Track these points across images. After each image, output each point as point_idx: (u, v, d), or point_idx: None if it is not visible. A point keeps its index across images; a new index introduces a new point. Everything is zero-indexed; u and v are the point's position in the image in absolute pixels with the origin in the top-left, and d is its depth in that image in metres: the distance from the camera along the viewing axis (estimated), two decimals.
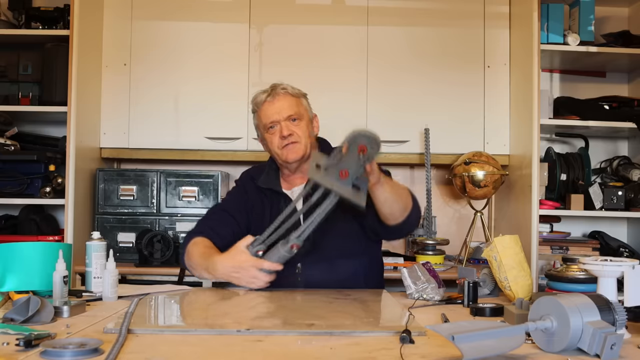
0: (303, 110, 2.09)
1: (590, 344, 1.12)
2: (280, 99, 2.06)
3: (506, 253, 1.71)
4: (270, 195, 2.11)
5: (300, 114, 2.07)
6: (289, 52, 3.16)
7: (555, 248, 3.09)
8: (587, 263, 1.37)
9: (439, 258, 2.95)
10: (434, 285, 1.78)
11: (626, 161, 3.27)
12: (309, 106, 2.14)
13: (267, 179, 2.12)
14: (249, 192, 2.15)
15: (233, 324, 1.43)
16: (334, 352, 1.19)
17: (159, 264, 2.86)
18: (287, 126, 2.04)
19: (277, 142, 2.05)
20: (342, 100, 3.14)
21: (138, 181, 3.04)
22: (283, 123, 2.04)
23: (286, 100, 2.06)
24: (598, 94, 3.28)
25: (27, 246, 1.73)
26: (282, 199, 2.10)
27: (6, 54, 3.04)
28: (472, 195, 3.08)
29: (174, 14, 3.18)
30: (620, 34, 3.10)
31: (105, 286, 1.73)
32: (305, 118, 2.09)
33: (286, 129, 2.03)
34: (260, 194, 2.13)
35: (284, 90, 2.08)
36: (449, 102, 3.18)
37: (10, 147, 2.98)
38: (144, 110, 3.15)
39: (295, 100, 2.08)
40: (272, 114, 2.05)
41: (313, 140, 2.12)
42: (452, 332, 1.07)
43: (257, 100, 2.09)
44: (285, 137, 2.03)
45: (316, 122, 2.16)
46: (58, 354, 1.12)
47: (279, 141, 2.05)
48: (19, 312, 1.40)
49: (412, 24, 3.20)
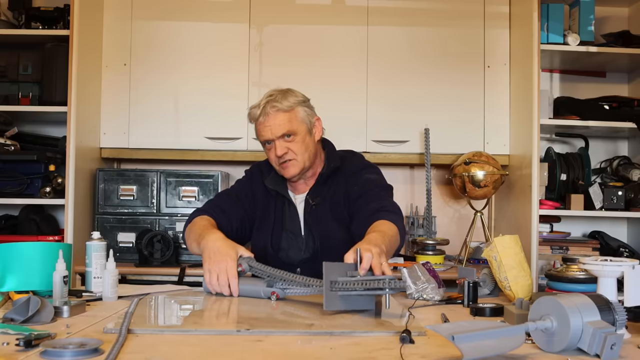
0: (297, 125, 2.00)
1: (590, 344, 1.12)
2: (271, 119, 1.97)
3: (506, 253, 1.71)
4: (276, 196, 2.10)
5: (293, 130, 1.99)
6: (289, 52, 3.16)
7: (555, 248, 3.09)
8: (587, 263, 1.37)
9: (439, 258, 2.95)
10: (434, 285, 1.78)
11: (626, 161, 3.27)
12: (306, 114, 2.03)
13: (275, 181, 2.10)
14: (258, 186, 2.13)
15: (233, 324, 1.43)
16: (334, 352, 1.19)
17: (159, 264, 2.86)
18: (280, 145, 1.98)
19: (274, 159, 2.03)
20: (342, 100, 3.14)
21: (138, 181, 3.04)
22: (277, 142, 1.99)
23: (277, 119, 1.98)
24: (598, 94, 3.28)
25: (27, 246, 1.73)
26: (286, 202, 2.09)
27: (6, 54, 3.04)
28: (472, 195, 3.08)
29: (174, 14, 3.18)
30: (620, 34, 3.10)
31: (105, 286, 1.73)
32: (300, 132, 2.01)
33: (280, 148, 1.98)
34: (266, 191, 2.12)
35: (274, 108, 1.97)
36: (449, 102, 3.18)
37: (10, 147, 2.98)
38: (144, 110, 3.15)
39: (288, 115, 1.99)
40: (265, 133, 2.00)
41: (313, 150, 2.06)
42: (452, 332, 1.07)
43: (251, 116, 2.03)
44: (279, 156, 2.00)
45: (318, 128, 2.08)
46: (58, 354, 1.12)
47: (275, 159, 2.02)
48: (19, 312, 1.40)
49: (412, 24, 3.20)
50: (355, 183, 2.04)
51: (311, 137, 2.05)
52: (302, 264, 2.03)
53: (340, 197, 2.05)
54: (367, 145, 3.14)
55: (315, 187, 2.08)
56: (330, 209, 2.05)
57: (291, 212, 2.08)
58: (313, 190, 2.08)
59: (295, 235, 2.07)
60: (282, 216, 2.08)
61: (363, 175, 2.06)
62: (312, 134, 2.06)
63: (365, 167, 2.11)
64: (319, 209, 2.05)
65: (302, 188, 2.11)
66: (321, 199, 2.05)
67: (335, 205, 2.05)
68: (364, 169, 2.10)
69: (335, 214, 2.04)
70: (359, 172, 2.08)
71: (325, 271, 1.50)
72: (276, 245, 2.07)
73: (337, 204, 2.05)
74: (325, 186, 2.08)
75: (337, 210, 2.04)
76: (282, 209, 2.08)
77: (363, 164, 2.13)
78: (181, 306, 1.74)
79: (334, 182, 2.08)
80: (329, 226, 2.02)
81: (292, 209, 2.08)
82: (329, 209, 2.05)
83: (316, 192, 2.07)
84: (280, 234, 2.07)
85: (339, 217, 2.03)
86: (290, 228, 2.07)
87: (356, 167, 2.10)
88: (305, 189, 2.10)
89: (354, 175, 2.07)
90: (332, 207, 2.05)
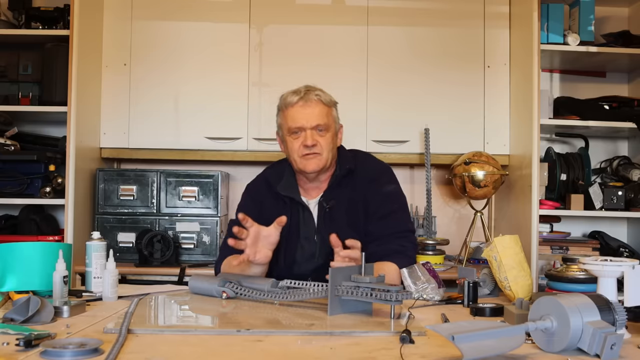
0: (331, 121, 2.01)
1: (590, 344, 1.12)
2: (312, 106, 1.96)
3: (506, 253, 1.71)
4: (290, 204, 2.04)
5: (328, 125, 1.98)
6: (289, 52, 3.16)
7: (555, 248, 3.09)
8: (587, 263, 1.37)
9: (439, 258, 2.95)
10: (434, 285, 1.78)
11: (626, 161, 3.27)
12: (337, 116, 2.06)
13: (287, 186, 2.04)
14: (265, 201, 2.07)
15: (233, 324, 1.43)
16: (334, 352, 1.19)
17: (159, 264, 2.86)
18: (312, 135, 1.95)
19: (298, 149, 1.97)
20: (342, 100, 3.08)
21: (138, 181, 3.04)
22: (309, 131, 1.95)
23: (318, 108, 1.96)
24: (598, 94, 3.28)
25: (27, 246, 1.73)
26: (300, 208, 2.04)
27: (6, 54, 3.04)
28: (472, 195, 3.08)
29: (174, 14, 3.18)
30: (620, 34, 3.10)
31: (105, 286, 1.73)
32: (332, 129, 2.00)
33: (311, 138, 1.95)
34: (278, 200, 2.05)
35: (317, 97, 1.97)
36: (449, 102, 3.18)
37: (10, 147, 2.98)
38: (144, 110, 3.15)
39: (327, 109, 1.99)
40: (299, 119, 1.95)
41: (335, 153, 2.04)
42: (452, 332, 1.07)
43: (287, 101, 1.98)
44: (308, 146, 1.95)
45: (340, 134, 2.08)
46: (58, 354, 1.12)
47: (300, 148, 1.97)
48: (19, 312, 1.40)
49: (412, 24, 3.20)
50: (376, 195, 2.01)
51: (336, 139, 2.05)
52: (313, 273, 1.94)
53: (359, 204, 2.01)
54: (367, 145, 3.14)
55: (329, 190, 2.03)
56: (346, 213, 2.01)
57: (306, 217, 2.03)
58: (327, 194, 2.03)
59: (309, 241, 2.02)
60: (297, 222, 2.03)
61: (383, 187, 2.03)
62: (337, 137, 2.06)
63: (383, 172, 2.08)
64: (333, 212, 2.01)
65: (315, 192, 2.06)
66: (335, 202, 2.01)
67: (351, 211, 2.01)
68: (383, 174, 2.07)
69: (351, 219, 2.00)
70: (380, 180, 2.04)
71: (332, 277, 1.51)
72: (290, 258, 2.01)
73: (354, 210, 2.01)
74: (339, 189, 2.03)
75: (354, 216, 2.01)
76: (297, 215, 2.03)
77: (378, 167, 2.09)
78: (181, 306, 1.74)
79: (348, 185, 2.04)
80: (344, 232, 1.94)
81: (307, 214, 2.03)
82: (345, 213, 2.01)
83: (330, 195, 2.03)
84: (294, 246, 2.01)
85: (355, 224, 2.00)
86: (305, 235, 2.02)
87: (374, 172, 2.06)
88: (318, 192, 2.05)
89: (373, 183, 2.03)
90: (348, 212, 2.01)
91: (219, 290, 1.75)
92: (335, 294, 1.51)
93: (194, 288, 1.85)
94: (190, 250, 3.01)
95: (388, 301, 1.44)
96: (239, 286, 1.74)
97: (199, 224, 3.02)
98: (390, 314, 1.49)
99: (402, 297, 1.45)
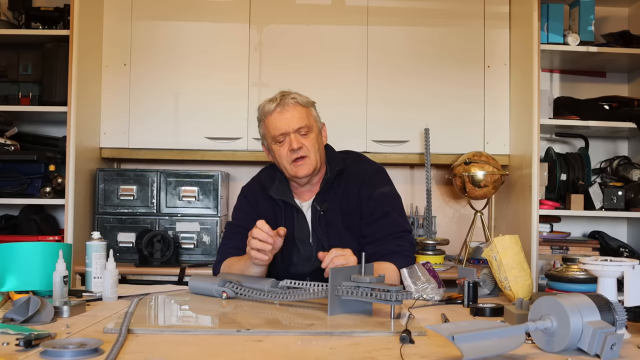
0: (313, 122, 2.01)
1: (590, 344, 1.12)
2: (290, 110, 1.96)
3: (506, 253, 1.71)
4: (284, 207, 2.05)
5: (310, 125, 1.98)
6: (289, 52, 3.16)
7: (555, 248, 3.09)
8: (587, 263, 1.37)
9: (439, 258, 2.95)
10: (434, 285, 1.78)
11: (626, 161, 3.27)
12: (317, 116, 2.06)
13: (280, 190, 2.05)
14: (260, 203, 2.08)
15: (233, 324, 1.43)
16: (334, 352, 1.19)
17: (159, 264, 2.86)
18: (296, 139, 1.95)
19: (286, 156, 1.97)
20: (342, 100, 3.14)
21: (138, 181, 3.04)
22: (292, 135, 1.96)
23: (296, 111, 1.97)
24: (598, 94, 3.28)
25: (27, 246, 1.73)
26: (294, 211, 2.04)
27: (6, 54, 3.04)
28: (472, 195, 3.08)
29: (174, 14, 3.18)
30: (620, 34, 3.10)
31: (105, 286, 1.73)
32: (314, 129, 2.01)
33: (296, 141, 1.95)
34: (271, 203, 2.06)
35: (293, 100, 1.97)
36: (449, 102, 3.18)
37: (10, 147, 2.98)
38: (144, 110, 3.15)
39: (305, 110, 1.99)
40: (281, 126, 1.96)
41: (322, 153, 2.05)
42: (452, 332, 1.07)
43: (265, 110, 1.99)
44: (294, 150, 1.95)
45: (324, 132, 2.09)
46: (58, 354, 1.12)
47: (288, 155, 1.97)
48: (19, 312, 1.40)
49: (412, 24, 3.20)
50: (371, 197, 2.01)
51: (321, 138, 2.05)
52: (312, 274, 1.96)
53: (353, 207, 2.01)
54: (367, 145, 3.14)
55: (321, 193, 2.04)
56: (341, 216, 2.01)
57: (300, 220, 2.04)
58: (319, 197, 2.04)
59: (305, 245, 2.03)
60: (292, 225, 2.03)
61: (378, 189, 2.03)
62: (321, 137, 2.05)
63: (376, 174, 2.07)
64: (327, 215, 2.01)
65: (308, 195, 2.07)
66: (329, 204, 2.02)
67: (346, 214, 2.01)
68: (376, 175, 2.06)
69: (347, 222, 2.01)
70: (371, 182, 2.03)
71: (332, 277, 1.51)
72: (287, 259, 2.02)
73: (348, 213, 2.01)
74: (332, 191, 2.04)
75: (350, 219, 2.01)
76: (292, 218, 2.04)
77: (371, 169, 2.09)
78: (181, 306, 1.74)
79: (340, 187, 2.04)
80: (341, 235, 1.99)
81: (300, 217, 2.04)
82: (340, 216, 2.01)
83: (323, 197, 2.03)
84: (291, 247, 2.01)
85: (351, 227, 2.00)
86: (300, 237, 2.03)
87: (367, 174, 2.05)
88: (310, 195, 2.06)
89: (367, 185, 2.03)
90: (343, 215, 2.01)
91: (219, 290, 1.75)
92: (335, 294, 1.51)
93: (194, 288, 1.85)
94: (190, 250, 3.01)
95: (388, 301, 1.45)
96: (239, 286, 1.74)
97: (199, 224, 3.02)
98: (390, 314, 1.49)
99: (402, 297, 1.45)
